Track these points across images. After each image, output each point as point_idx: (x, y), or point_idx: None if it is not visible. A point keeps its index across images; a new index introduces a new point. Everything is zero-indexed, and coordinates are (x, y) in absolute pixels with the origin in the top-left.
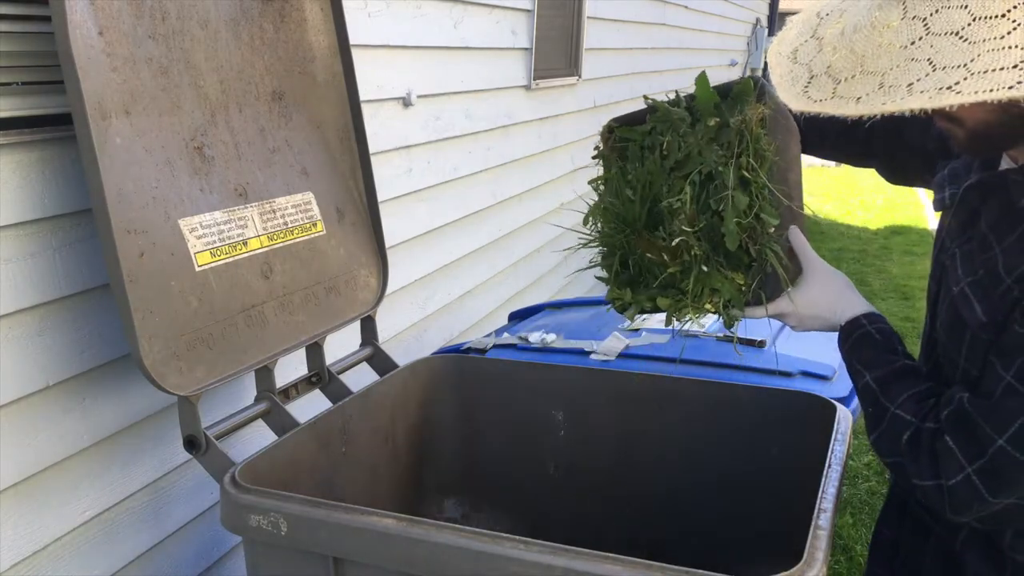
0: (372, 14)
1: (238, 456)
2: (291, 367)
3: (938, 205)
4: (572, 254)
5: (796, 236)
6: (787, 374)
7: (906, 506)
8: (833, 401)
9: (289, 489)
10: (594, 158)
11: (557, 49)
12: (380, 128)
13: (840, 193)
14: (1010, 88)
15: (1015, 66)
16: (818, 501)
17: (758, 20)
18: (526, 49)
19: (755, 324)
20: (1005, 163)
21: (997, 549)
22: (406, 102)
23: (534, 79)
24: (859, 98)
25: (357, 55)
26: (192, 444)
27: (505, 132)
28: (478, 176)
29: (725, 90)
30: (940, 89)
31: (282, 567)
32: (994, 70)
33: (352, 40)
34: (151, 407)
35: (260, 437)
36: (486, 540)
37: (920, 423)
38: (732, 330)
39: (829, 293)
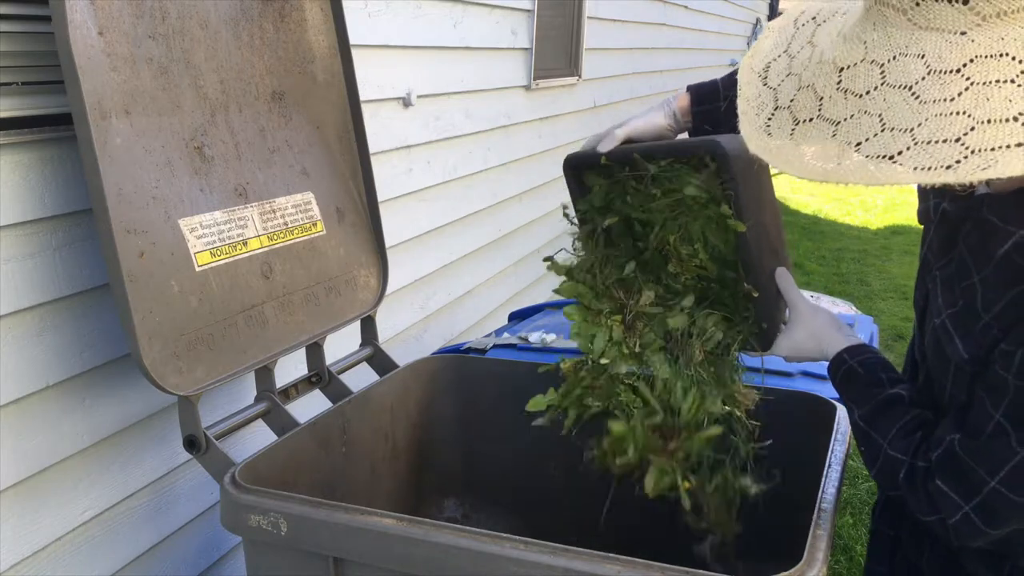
0: (372, 14)
1: (238, 456)
2: (291, 367)
3: (921, 217)
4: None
5: (783, 278)
6: (787, 374)
7: (903, 505)
8: (833, 401)
9: (289, 489)
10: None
11: (557, 49)
12: (380, 128)
13: (840, 193)
14: (947, 168)
15: (957, 139)
16: (818, 501)
17: (758, 20)
18: (526, 49)
19: None
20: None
21: (996, 553)
22: (406, 102)
23: (534, 79)
24: (813, 150)
25: (357, 55)
26: (192, 444)
27: (505, 132)
28: (478, 176)
29: (668, 150)
30: (882, 157)
31: (282, 567)
32: (936, 141)
33: (352, 40)
34: (151, 407)
35: (260, 437)
36: (486, 540)
37: (912, 460)
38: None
39: (813, 335)
